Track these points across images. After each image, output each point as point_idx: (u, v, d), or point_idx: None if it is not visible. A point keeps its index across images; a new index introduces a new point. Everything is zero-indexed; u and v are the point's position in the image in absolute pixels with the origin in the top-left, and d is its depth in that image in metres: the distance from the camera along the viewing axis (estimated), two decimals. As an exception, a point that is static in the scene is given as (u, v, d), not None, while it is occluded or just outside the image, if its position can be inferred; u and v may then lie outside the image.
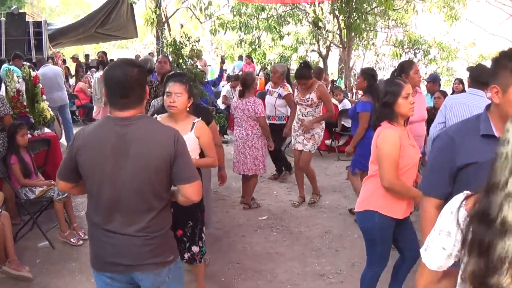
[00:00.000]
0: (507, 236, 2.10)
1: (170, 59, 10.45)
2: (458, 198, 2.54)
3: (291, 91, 10.61)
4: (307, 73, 9.16)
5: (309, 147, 9.36)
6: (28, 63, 12.16)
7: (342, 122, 13.68)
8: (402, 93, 5.10)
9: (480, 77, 6.54)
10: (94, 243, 3.87)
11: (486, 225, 2.19)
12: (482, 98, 6.40)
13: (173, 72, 7.87)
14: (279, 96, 10.65)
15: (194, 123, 5.62)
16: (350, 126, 12.36)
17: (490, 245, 2.15)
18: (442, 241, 2.57)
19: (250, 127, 9.11)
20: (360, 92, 10.33)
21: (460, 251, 2.43)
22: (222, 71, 17.60)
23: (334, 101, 13.68)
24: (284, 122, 10.74)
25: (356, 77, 9.67)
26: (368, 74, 8.89)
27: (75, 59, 23.07)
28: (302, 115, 9.38)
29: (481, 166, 3.27)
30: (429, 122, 7.43)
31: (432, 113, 9.79)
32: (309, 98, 9.11)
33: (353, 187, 9.26)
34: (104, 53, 17.02)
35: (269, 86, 11.34)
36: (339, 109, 13.87)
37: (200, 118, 5.72)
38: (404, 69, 7.20)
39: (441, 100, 10.25)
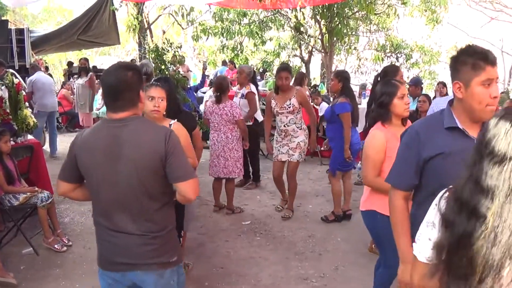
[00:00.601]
0: (463, 215, 2.30)
1: (153, 65, 10.47)
2: (442, 191, 2.67)
3: (255, 92, 10.78)
4: (290, 68, 9.31)
5: (296, 157, 9.20)
6: (11, 70, 12.17)
7: (325, 126, 13.68)
8: (398, 94, 5.23)
9: None
10: (99, 242, 3.97)
11: (453, 203, 2.40)
12: None
13: (159, 77, 7.92)
14: (242, 96, 10.74)
15: (170, 125, 5.67)
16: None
17: (453, 222, 2.34)
18: (428, 232, 2.72)
19: (229, 130, 9.18)
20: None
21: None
22: (204, 76, 17.64)
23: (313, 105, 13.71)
24: (251, 123, 10.81)
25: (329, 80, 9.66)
26: (342, 76, 9.08)
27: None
28: (285, 125, 9.15)
29: (447, 156, 3.51)
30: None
31: (414, 116, 9.86)
32: (290, 104, 8.98)
33: (334, 190, 9.33)
34: (86, 60, 17.06)
35: (236, 88, 11.36)
36: (320, 114, 13.85)
37: (180, 123, 5.78)
38: (389, 74, 7.11)
39: (426, 104, 10.35)
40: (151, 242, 3.81)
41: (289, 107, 9.01)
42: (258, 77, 18.71)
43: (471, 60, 3.35)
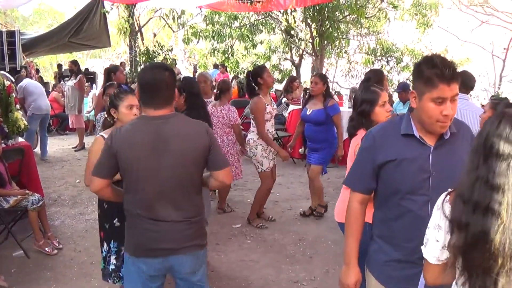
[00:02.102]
0: (478, 214, 2.38)
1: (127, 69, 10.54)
2: (443, 195, 2.73)
3: None
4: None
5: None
6: (2, 72, 12.17)
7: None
8: (379, 102, 5.18)
9: (464, 82, 6.74)
10: (136, 231, 4.16)
11: (462, 206, 2.46)
12: (469, 101, 6.88)
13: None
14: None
15: None
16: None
17: (467, 224, 2.42)
18: (435, 235, 2.76)
19: (225, 133, 9.20)
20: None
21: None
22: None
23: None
24: None
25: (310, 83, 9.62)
26: (325, 78, 9.44)
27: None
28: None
29: (400, 163, 3.51)
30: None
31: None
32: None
33: (316, 186, 9.52)
34: (73, 62, 16.97)
35: None
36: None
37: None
38: (372, 82, 7.03)
39: None
40: (190, 227, 4.18)
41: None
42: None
43: (427, 73, 3.30)
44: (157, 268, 4.21)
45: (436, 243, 2.76)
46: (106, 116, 5.70)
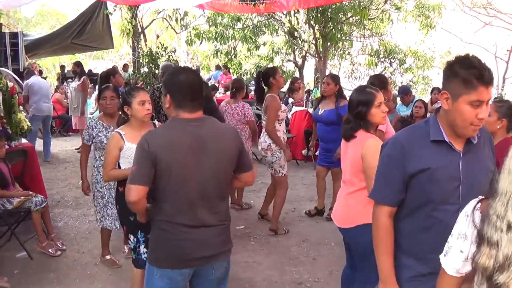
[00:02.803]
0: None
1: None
2: (473, 202, 2.57)
3: None
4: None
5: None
6: (6, 70, 12.17)
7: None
8: (375, 103, 5.07)
9: None
10: (168, 244, 4.04)
11: (495, 226, 2.30)
12: None
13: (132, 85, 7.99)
14: None
15: (155, 125, 5.91)
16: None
17: (498, 244, 2.27)
18: (459, 244, 2.60)
19: (239, 130, 9.12)
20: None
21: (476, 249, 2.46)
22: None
23: (310, 110, 13.70)
24: None
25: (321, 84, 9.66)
26: (337, 78, 9.37)
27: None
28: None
29: (434, 171, 3.34)
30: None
31: (409, 121, 9.89)
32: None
33: (335, 187, 9.39)
34: (76, 64, 16.95)
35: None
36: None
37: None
38: (383, 85, 7.03)
39: (422, 110, 10.40)
40: (224, 232, 4.19)
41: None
42: (252, 81, 18.68)
43: (465, 74, 3.16)
44: (188, 277, 4.17)
45: (459, 254, 2.61)
46: (120, 113, 5.78)
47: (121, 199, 5.50)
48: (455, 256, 2.63)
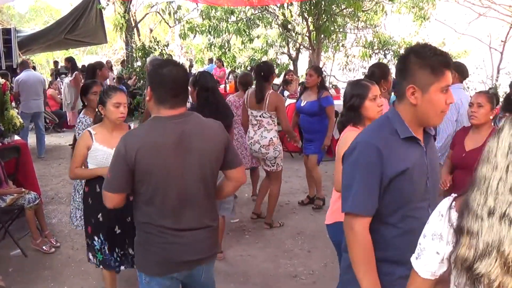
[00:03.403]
0: (493, 221, 2.16)
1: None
2: (447, 201, 2.50)
3: None
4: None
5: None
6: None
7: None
8: (369, 95, 4.99)
9: (462, 72, 7.44)
10: (158, 248, 3.91)
11: (475, 215, 2.23)
12: (464, 92, 7.32)
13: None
14: None
15: (130, 127, 5.81)
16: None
17: (478, 233, 2.20)
18: (435, 246, 2.47)
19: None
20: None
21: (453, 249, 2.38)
22: (189, 75, 17.63)
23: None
24: None
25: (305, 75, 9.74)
26: (320, 70, 9.53)
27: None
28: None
29: (412, 171, 3.23)
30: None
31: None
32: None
33: (315, 176, 9.76)
34: (67, 59, 16.90)
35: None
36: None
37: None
38: (376, 76, 6.95)
39: None
40: (211, 235, 4.10)
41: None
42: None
43: (431, 62, 3.11)
44: (176, 281, 4.11)
45: (435, 255, 2.49)
46: (97, 111, 5.67)
47: (84, 200, 5.57)
48: (430, 258, 2.52)
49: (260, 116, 8.37)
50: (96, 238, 5.52)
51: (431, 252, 2.50)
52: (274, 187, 8.87)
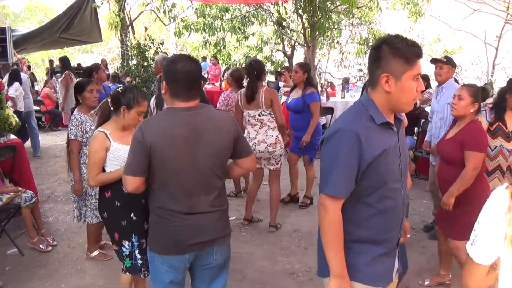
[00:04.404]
0: None
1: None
2: (501, 188, 2.55)
3: None
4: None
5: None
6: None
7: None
8: None
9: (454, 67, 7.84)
10: (166, 230, 4.16)
11: None
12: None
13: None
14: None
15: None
16: (322, 124, 12.58)
17: None
18: (490, 232, 2.54)
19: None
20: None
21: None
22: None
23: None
24: None
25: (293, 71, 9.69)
26: (307, 67, 9.50)
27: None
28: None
29: (387, 154, 3.35)
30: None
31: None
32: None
33: (309, 175, 9.83)
34: (59, 59, 16.92)
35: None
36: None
37: None
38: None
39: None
40: (222, 217, 4.32)
41: None
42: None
43: (404, 51, 3.24)
44: (188, 261, 4.28)
45: (490, 241, 2.53)
46: (103, 108, 5.52)
47: (108, 206, 5.35)
48: (485, 244, 2.56)
49: (259, 115, 8.25)
50: (126, 243, 5.34)
51: (486, 238, 2.55)
52: (275, 188, 8.71)
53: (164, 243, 4.19)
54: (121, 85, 6.39)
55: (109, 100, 5.39)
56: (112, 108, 5.37)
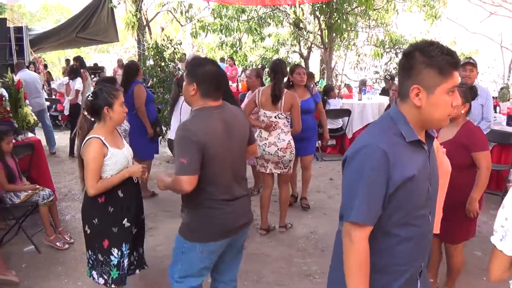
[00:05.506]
0: None
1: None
2: None
3: None
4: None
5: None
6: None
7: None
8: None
9: None
10: (216, 218, 4.48)
11: None
12: None
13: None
14: None
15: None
16: (338, 127, 12.62)
17: None
18: None
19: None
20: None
21: None
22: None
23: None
24: None
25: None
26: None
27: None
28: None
29: (418, 177, 3.00)
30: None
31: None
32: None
33: (308, 175, 9.87)
34: (75, 59, 17.00)
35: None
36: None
37: None
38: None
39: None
40: (249, 201, 4.84)
41: None
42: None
43: (438, 62, 2.86)
44: (225, 245, 4.64)
45: None
46: (82, 123, 5.30)
47: (100, 211, 5.22)
48: None
49: (275, 117, 8.02)
50: (115, 251, 5.24)
51: None
52: (284, 192, 8.57)
53: (211, 230, 4.46)
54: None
55: (85, 113, 5.23)
56: (93, 119, 5.21)
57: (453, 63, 2.88)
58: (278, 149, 8.01)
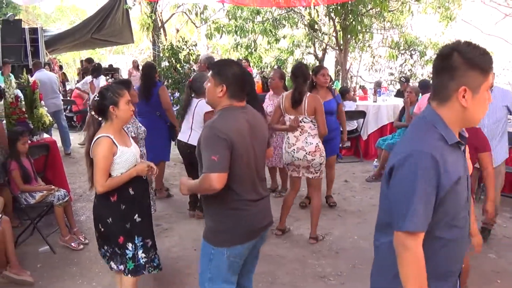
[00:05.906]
0: None
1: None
2: None
3: None
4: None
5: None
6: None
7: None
8: None
9: None
10: (243, 219, 4.48)
11: None
12: None
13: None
14: None
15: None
16: (353, 129, 12.65)
17: None
18: None
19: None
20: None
21: None
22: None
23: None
24: None
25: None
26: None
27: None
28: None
29: (462, 179, 3.00)
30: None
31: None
32: None
33: (332, 175, 10.07)
34: (87, 61, 17.09)
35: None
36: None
37: None
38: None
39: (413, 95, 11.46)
40: (269, 200, 4.84)
41: None
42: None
43: (480, 61, 2.90)
44: (252, 246, 4.65)
45: None
46: (89, 124, 5.37)
47: (113, 210, 5.28)
48: None
49: (301, 121, 7.93)
50: (129, 245, 5.34)
51: None
52: (316, 198, 8.30)
53: (238, 233, 4.45)
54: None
55: (92, 113, 5.28)
56: (100, 118, 5.24)
57: (491, 62, 2.97)
58: (306, 153, 7.91)
